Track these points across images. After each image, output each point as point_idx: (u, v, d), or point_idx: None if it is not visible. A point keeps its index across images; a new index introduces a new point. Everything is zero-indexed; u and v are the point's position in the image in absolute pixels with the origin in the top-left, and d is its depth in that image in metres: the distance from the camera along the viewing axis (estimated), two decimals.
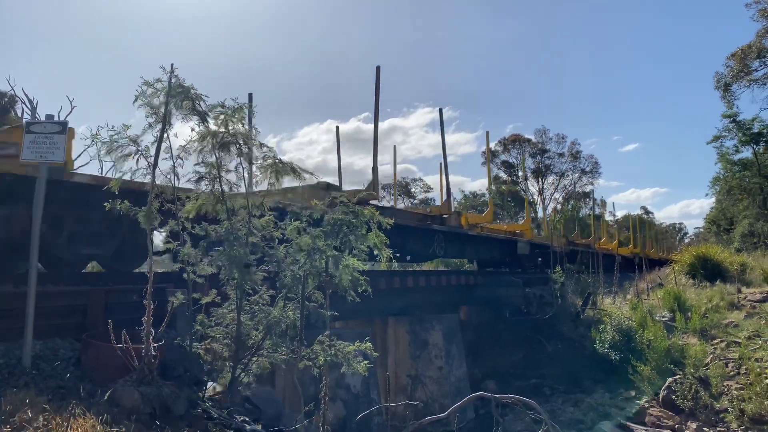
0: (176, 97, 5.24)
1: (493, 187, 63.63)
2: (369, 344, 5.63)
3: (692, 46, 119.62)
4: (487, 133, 26.43)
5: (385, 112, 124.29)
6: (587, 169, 64.82)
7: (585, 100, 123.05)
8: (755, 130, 36.66)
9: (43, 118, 6.07)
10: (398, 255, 15.61)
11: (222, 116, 5.34)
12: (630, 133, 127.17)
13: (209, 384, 5.91)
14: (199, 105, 5.31)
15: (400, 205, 54.79)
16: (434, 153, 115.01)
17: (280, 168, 5.49)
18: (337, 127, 19.48)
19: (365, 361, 5.58)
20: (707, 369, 12.08)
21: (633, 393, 12.61)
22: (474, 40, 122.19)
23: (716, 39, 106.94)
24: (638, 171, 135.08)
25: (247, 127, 5.49)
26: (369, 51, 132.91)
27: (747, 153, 38.71)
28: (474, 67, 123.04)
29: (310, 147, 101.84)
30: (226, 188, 5.69)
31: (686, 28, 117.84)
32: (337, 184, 13.74)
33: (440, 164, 18.65)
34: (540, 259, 24.08)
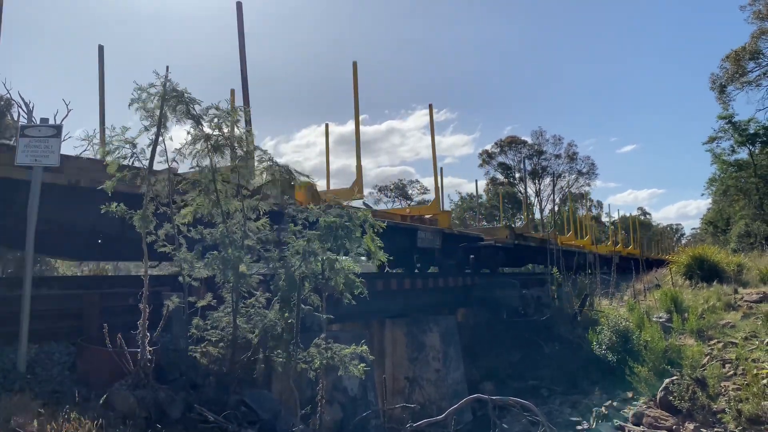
0: (170, 101, 5.23)
1: (489, 187, 63.77)
2: (365, 347, 5.62)
3: (690, 47, 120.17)
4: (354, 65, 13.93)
5: (382, 114, 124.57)
6: (584, 170, 65.05)
7: (583, 101, 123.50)
8: (751, 131, 36.82)
9: (38, 122, 6.07)
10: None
11: (215, 119, 5.34)
12: (627, 134, 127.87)
13: None
14: (193, 108, 5.30)
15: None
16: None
17: (275, 170, 5.49)
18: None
19: (362, 365, 5.56)
20: (704, 370, 12.09)
21: (630, 394, 12.60)
22: (472, 42, 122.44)
23: (714, 40, 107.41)
24: (636, 172, 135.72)
25: (241, 129, 5.48)
26: (366, 53, 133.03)
27: (743, 154, 38.88)
28: (472, 69, 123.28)
29: (308, 149, 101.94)
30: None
31: (683, 29, 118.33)
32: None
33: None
34: (472, 256, 19.45)
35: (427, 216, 17.92)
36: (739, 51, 34.93)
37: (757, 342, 12.95)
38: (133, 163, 5.58)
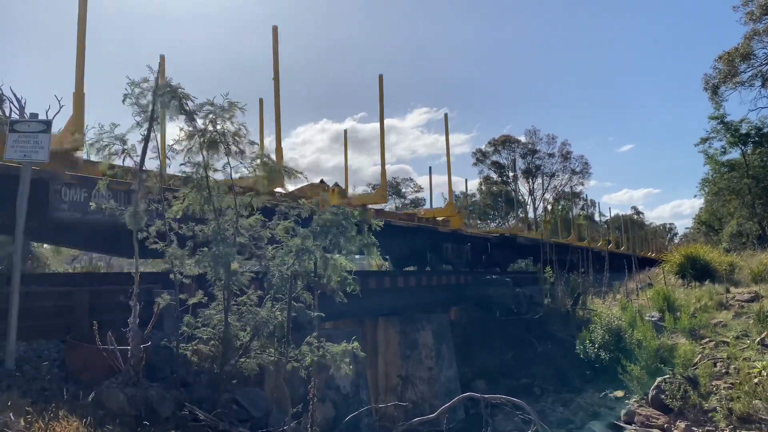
0: (163, 96, 5.18)
1: (483, 187, 63.91)
2: (356, 344, 5.60)
3: (686, 48, 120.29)
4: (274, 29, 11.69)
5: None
6: (577, 169, 65.18)
7: (581, 101, 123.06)
8: (743, 131, 36.94)
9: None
10: None
11: (210, 115, 5.29)
12: (625, 133, 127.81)
13: None
14: (187, 104, 5.25)
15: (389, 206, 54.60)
16: (429, 153, 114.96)
17: (269, 166, 5.45)
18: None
19: (352, 366, 5.55)
20: (696, 368, 12.13)
21: (622, 393, 12.65)
22: (471, 42, 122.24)
23: (709, 41, 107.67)
24: (632, 171, 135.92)
25: (236, 125, 5.43)
26: (364, 51, 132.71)
27: (735, 154, 38.99)
28: (471, 68, 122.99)
29: (304, 147, 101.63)
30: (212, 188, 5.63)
31: (680, 29, 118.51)
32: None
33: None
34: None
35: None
36: (732, 52, 35.01)
37: (748, 341, 13.01)
38: (124, 160, 5.52)
